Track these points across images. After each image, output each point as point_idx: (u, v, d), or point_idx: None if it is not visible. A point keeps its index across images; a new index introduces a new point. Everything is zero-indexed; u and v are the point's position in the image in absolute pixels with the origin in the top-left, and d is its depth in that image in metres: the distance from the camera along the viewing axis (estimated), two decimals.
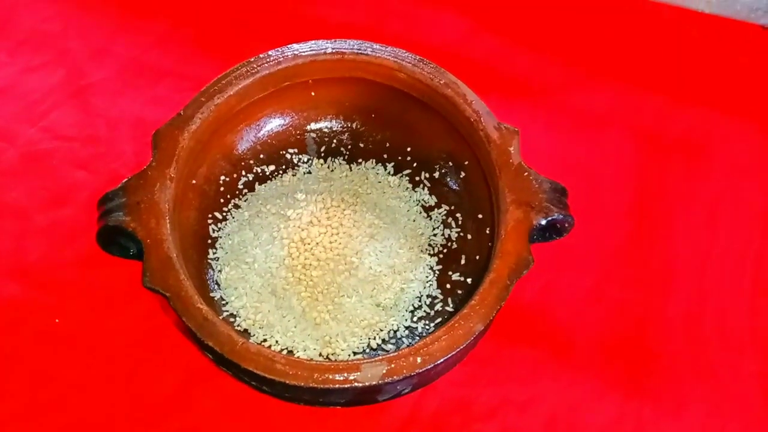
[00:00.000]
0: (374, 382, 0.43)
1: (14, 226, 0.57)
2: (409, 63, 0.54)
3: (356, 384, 0.42)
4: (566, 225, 0.49)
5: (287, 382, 0.42)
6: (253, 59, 0.54)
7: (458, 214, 0.56)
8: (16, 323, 0.53)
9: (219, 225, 0.55)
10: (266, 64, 0.54)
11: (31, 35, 0.65)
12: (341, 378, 0.43)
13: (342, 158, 0.58)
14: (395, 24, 0.68)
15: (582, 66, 0.66)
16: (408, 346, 0.49)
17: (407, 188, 0.57)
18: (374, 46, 0.55)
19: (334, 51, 0.54)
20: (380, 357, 0.44)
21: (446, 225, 0.56)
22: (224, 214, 0.55)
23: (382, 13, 0.68)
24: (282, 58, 0.54)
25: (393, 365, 0.43)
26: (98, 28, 0.66)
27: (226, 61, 0.55)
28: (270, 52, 0.54)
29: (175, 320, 0.50)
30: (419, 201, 0.57)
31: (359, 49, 0.54)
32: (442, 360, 0.43)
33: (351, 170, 0.58)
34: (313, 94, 0.57)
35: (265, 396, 0.49)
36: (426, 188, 0.57)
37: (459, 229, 0.55)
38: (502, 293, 0.46)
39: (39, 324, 0.53)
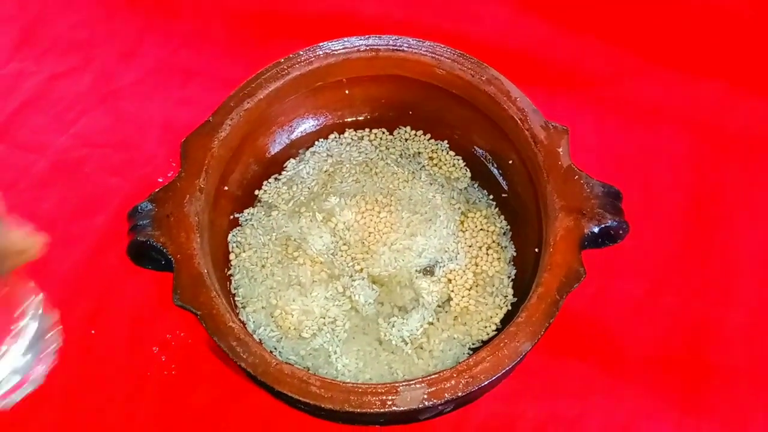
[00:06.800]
0: (413, 407, 0.40)
1: (49, 237, 0.56)
2: (448, 59, 0.51)
3: (394, 408, 0.40)
4: (621, 232, 0.46)
5: (322, 405, 0.40)
6: (282, 60, 0.51)
7: (502, 217, 0.53)
8: None
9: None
10: (297, 65, 0.51)
11: (57, 42, 0.63)
12: (378, 401, 0.40)
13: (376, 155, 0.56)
14: (431, 14, 0.64)
15: (632, 53, 0.62)
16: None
17: (442, 185, 0.54)
18: (410, 42, 0.52)
19: (368, 48, 0.52)
20: (420, 378, 0.41)
21: (486, 231, 0.53)
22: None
23: (417, 3, 0.65)
24: (314, 58, 0.51)
25: (434, 388, 0.41)
26: (125, 32, 0.64)
27: (256, 58, 0.53)
28: (300, 52, 0.52)
29: (208, 338, 0.48)
30: (459, 200, 0.54)
31: (395, 46, 0.52)
32: (486, 383, 0.41)
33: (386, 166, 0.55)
34: (347, 92, 0.54)
35: (301, 413, 0.47)
36: (465, 188, 0.54)
37: (501, 234, 0.52)
38: (550, 309, 0.43)
39: (74, 335, 0.52)
